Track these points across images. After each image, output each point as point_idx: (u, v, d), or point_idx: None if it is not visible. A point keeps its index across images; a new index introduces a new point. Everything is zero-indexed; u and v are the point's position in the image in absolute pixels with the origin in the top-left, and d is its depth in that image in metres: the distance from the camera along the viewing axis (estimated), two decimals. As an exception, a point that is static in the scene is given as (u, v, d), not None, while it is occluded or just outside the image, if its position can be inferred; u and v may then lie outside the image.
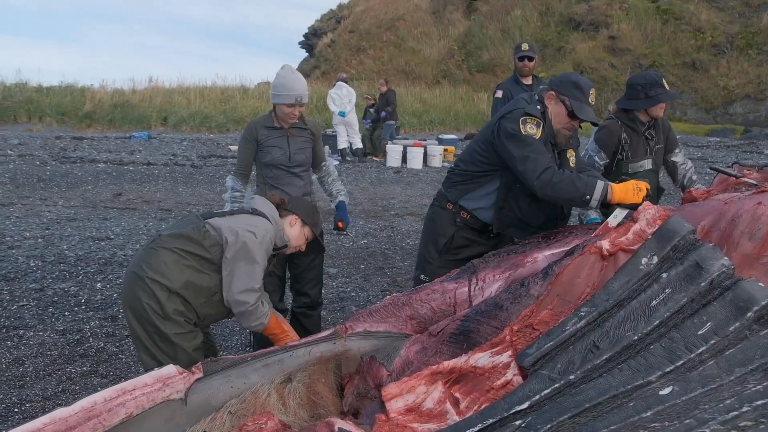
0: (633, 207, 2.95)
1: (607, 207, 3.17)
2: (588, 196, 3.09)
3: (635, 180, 3.13)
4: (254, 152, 4.16)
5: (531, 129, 3.27)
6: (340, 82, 15.37)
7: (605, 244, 2.30)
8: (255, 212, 3.26)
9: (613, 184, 3.09)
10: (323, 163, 4.41)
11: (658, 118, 4.42)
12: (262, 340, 3.52)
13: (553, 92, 3.38)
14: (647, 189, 3.03)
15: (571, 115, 3.34)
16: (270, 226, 3.19)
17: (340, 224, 4.41)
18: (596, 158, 4.37)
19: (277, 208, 3.35)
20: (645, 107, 4.30)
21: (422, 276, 3.72)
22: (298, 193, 4.11)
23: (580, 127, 3.55)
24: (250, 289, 3.06)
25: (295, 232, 3.40)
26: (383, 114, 15.99)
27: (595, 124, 3.40)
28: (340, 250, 7.50)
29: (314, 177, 4.47)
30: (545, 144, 3.32)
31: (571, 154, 3.54)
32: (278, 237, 3.26)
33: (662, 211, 2.36)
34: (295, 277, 4.30)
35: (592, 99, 3.36)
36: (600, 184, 3.09)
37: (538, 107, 3.36)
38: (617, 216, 2.85)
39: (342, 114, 14.97)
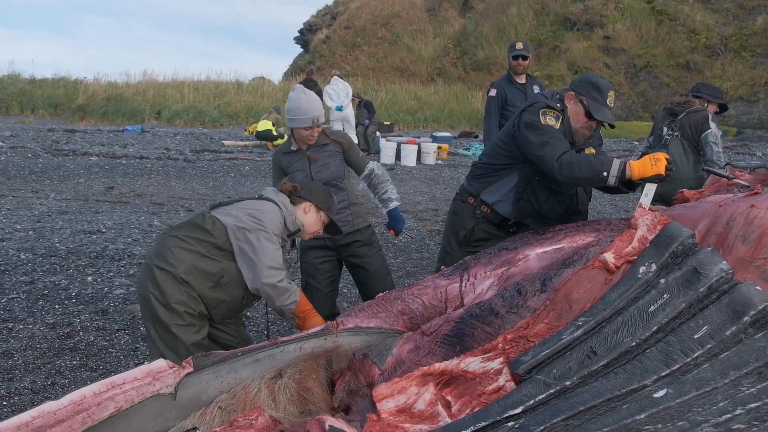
0: (658, 180, 2.96)
1: (629, 188, 3.20)
2: (605, 173, 3.12)
3: (650, 153, 3.12)
4: (282, 178, 4.15)
5: (550, 120, 3.36)
6: (335, 78, 15.31)
7: (610, 258, 2.27)
8: (261, 197, 3.28)
9: (630, 161, 3.10)
10: (366, 169, 4.25)
11: None
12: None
13: (572, 92, 3.46)
14: (666, 158, 3.00)
15: (588, 115, 3.41)
16: (276, 208, 3.20)
17: (392, 232, 4.42)
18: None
19: (290, 196, 3.36)
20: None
21: (443, 267, 3.73)
22: (340, 206, 3.97)
23: (603, 125, 3.57)
24: (275, 266, 3.06)
25: (310, 219, 3.43)
26: (366, 122, 16.09)
27: (611, 126, 3.42)
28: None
29: (362, 185, 4.37)
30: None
31: (589, 152, 3.59)
32: (289, 221, 3.26)
33: (660, 216, 2.35)
34: (366, 286, 4.29)
35: (610, 101, 3.42)
36: (617, 161, 3.13)
37: (558, 105, 3.44)
38: (648, 194, 2.83)
39: (339, 109, 14.89)
